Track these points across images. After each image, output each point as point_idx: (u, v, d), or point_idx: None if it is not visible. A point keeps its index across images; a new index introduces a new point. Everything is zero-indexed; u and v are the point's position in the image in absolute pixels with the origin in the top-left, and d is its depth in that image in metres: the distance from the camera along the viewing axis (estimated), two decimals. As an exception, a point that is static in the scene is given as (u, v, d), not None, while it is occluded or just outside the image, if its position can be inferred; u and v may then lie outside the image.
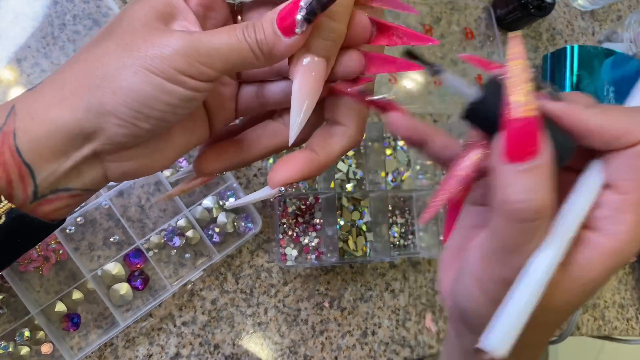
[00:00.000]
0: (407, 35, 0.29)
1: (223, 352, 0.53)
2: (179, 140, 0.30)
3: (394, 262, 0.61)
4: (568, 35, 0.74)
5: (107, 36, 0.26)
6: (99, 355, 0.49)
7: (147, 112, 0.25)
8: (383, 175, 0.59)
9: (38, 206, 0.27)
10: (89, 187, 0.28)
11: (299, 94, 0.27)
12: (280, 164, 0.30)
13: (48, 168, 0.26)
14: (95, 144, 0.26)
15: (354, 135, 0.30)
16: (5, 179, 0.25)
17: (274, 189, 0.30)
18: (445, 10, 0.66)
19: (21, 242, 0.28)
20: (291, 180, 0.30)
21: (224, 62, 0.25)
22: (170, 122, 0.27)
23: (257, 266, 0.55)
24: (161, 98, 0.25)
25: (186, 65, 0.25)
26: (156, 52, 0.25)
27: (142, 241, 0.50)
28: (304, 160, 0.30)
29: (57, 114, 0.25)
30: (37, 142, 0.25)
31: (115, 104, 0.25)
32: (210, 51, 0.25)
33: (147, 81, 0.25)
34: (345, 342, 0.57)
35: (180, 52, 0.25)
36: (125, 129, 0.26)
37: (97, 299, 0.49)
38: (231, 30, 0.26)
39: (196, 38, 0.25)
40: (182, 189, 0.38)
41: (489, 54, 0.66)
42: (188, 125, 0.31)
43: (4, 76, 0.50)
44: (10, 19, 0.50)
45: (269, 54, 0.26)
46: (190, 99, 0.26)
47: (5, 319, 0.47)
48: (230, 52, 0.25)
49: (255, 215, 0.53)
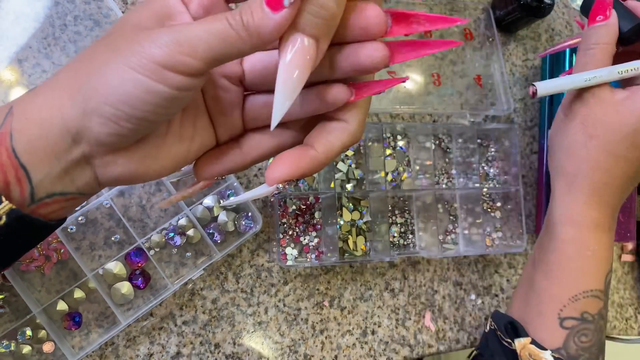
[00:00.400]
0: (428, 20, 0.28)
1: (224, 351, 0.53)
2: (175, 148, 0.30)
3: (393, 262, 0.61)
4: (567, 36, 0.75)
5: (101, 39, 0.27)
6: (99, 355, 0.49)
7: (129, 110, 0.25)
8: (383, 175, 0.59)
9: (36, 209, 0.27)
10: (83, 191, 0.28)
11: (285, 73, 0.25)
12: (278, 161, 0.29)
13: (42, 170, 0.26)
14: (83, 147, 0.26)
15: (354, 131, 0.29)
16: (3, 180, 0.25)
17: (271, 186, 0.29)
18: (445, 11, 0.67)
19: (22, 242, 0.28)
20: (289, 178, 0.29)
21: (207, 49, 0.24)
22: (155, 122, 0.26)
23: (257, 266, 0.56)
24: (142, 97, 0.24)
25: (167, 57, 0.24)
26: (137, 47, 0.24)
27: (143, 240, 0.50)
28: (302, 157, 0.29)
29: (47, 114, 0.25)
30: (31, 143, 0.25)
31: (97, 102, 0.25)
32: (191, 39, 0.24)
33: (128, 78, 0.24)
34: (345, 341, 0.57)
35: (160, 44, 0.24)
36: (108, 128, 0.25)
37: (99, 297, 0.49)
38: (215, 17, 0.25)
39: (177, 29, 0.24)
40: (183, 195, 0.37)
41: (488, 55, 0.66)
42: (186, 133, 0.30)
43: (5, 77, 0.50)
44: (12, 20, 0.51)
45: (256, 34, 0.24)
46: (174, 98, 0.25)
47: (6, 318, 0.47)
48: (212, 37, 0.24)
49: (256, 213, 0.53)
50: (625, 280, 0.71)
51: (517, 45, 0.72)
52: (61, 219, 0.29)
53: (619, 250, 0.72)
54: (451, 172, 0.64)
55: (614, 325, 0.69)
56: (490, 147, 0.66)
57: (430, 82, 0.63)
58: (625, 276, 0.71)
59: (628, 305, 0.71)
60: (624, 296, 0.71)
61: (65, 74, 0.26)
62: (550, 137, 0.52)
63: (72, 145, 0.26)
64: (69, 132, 0.26)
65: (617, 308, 0.70)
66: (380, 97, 0.60)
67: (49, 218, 0.28)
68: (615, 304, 0.70)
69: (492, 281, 0.64)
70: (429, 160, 0.62)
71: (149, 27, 0.26)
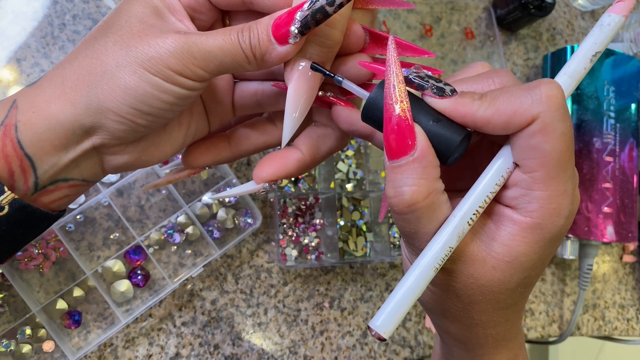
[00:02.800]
0: (400, 45, 0.29)
1: (223, 352, 0.53)
2: (175, 135, 0.31)
3: (394, 262, 0.61)
4: (568, 35, 0.74)
5: (106, 32, 0.27)
6: (99, 356, 0.49)
7: (145, 109, 0.26)
8: (383, 175, 0.59)
9: (38, 197, 0.28)
10: (86, 177, 0.29)
11: (293, 99, 0.27)
12: (266, 161, 0.31)
13: (49, 161, 0.27)
14: (94, 139, 0.27)
15: (341, 138, 0.31)
16: (7, 170, 0.26)
17: (259, 184, 0.31)
18: (446, 10, 0.66)
19: (23, 232, 0.28)
20: (276, 178, 0.31)
21: (218, 64, 0.26)
22: (167, 119, 0.28)
23: (257, 266, 0.55)
24: (158, 96, 0.26)
25: (181, 67, 0.25)
26: (152, 52, 0.25)
27: (142, 238, 0.50)
28: (290, 159, 0.31)
29: (57, 108, 0.26)
30: (39, 135, 0.26)
31: (113, 102, 0.26)
32: (204, 54, 0.26)
33: (145, 80, 0.25)
34: (345, 342, 0.57)
35: (175, 55, 0.25)
36: (124, 125, 0.26)
37: (98, 296, 0.49)
38: (226, 33, 0.26)
39: (191, 40, 0.25)
40: (169, 180, 0.38)
41: (489, 54, 0.66)
42: (184, 119, 0.31)
43: (4, 76, 0.50)
44: (10, 19, 0.51)
45: (261, 59, 0.26)
46: (186, 97, 0.27)
47: (6, 317, 0.47)
48: (223, 55, 0.26)
49: (255, 210, 0.53)
50: (626, 281, 0.71)
51: (518, 44, 0.71)
52: (61, 211, 0.30)
53: (620, 250, 0.72)
54: (452, 172, 0.64)
55: (615, 327, 0.69)
56: (491, 147, 0.66)
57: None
58: (626, 277, 0.71)
59: (629, 306, 0.70)
60: (625, 297, 0.70)
61: (72, 69, 0.27)
62: (421, 302, 0.36)
63: (83, 137, 0.27)
64: (82, 127, 0.26)
65: (618, 309, 0.70)
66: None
67: (50, 208, 0.29)
68: (616, 305, 0.70)
69: (493, 282, 0.64)
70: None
71: (154, 24, 0.26)
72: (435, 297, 0.34)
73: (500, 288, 0.31)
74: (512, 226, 0.29)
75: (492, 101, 0.25)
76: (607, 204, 0.63)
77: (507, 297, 0.31)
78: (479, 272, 0.30)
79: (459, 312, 0.33)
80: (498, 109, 0.24)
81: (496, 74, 0.28)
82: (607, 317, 0.69)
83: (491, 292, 0.31)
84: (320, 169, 0.57)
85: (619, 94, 0.66)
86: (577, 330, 0.67)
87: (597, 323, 0.68)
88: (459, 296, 0.32)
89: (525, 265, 0.30)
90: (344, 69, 0.29)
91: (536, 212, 0.29)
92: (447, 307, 0.34)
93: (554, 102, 0.24)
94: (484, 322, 0.33)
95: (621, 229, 0.63)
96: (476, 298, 0.32)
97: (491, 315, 0.33)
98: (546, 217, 0.29)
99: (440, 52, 0.64)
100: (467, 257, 0.30)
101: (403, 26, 0.64)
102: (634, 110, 0.66)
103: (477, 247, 0.30)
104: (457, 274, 0.31)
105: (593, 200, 0.62)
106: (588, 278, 0.63)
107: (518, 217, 0.29)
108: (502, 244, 0.29)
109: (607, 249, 0.71)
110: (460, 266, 0.30)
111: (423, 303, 0.34)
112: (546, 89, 0.24)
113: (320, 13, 0.24)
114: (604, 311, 0.69)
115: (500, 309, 0.33)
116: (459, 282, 0.31)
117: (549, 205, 0.28)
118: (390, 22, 0.63)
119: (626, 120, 0.66)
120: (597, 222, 0.62)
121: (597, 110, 0.64)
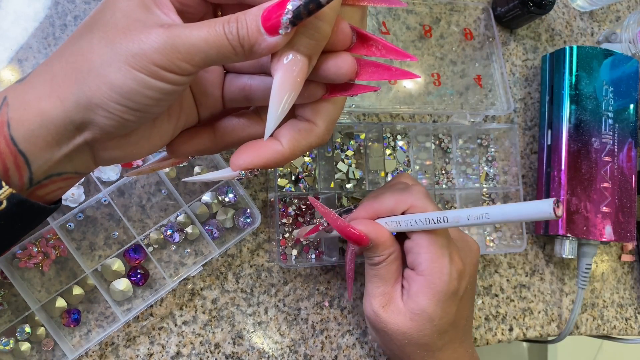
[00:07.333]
0: (386, 48, 0.30)
1: (224, 351, 0.53)
2: (165, 127, 0.31)
3: (393, 262, 0.61)
4: (567, 35, 0.75)
5: (92, 27, 0.27)
6: (99, 355, 0.49)
7: (132, 105, 0.26)
8: (383, 175, 0.59)
9: (33, 191, 0.28)
10: (79, 170, 0.29)
11: (279, 91, 0.27)
12: (244, 148, 0.31)
13: (42, 156, 0.27)
14: (86, 134, 0.27)
15: (321, 134, 0.31)
16: (2, 167, 0.26)
17: (234, 171, 0.31)
18: (445, 10, 0.67)
19: (21, 226, 0.29)
20: (252, 166, 0.30)
21: (203, 57, 0.26)
22: (155, 113, 0.28)
23: (257, 266, 0.56)
24: (144, 93, 0.26)
25: (165, 62, 0.25)
26: (136, 48, 0.25)
27: (142, 237, 0.50)
28: (268, 150, 0.30)
29: (48, 105, 0.26)
30: (31, 132, 0.26)
31: (101, 99, 0.26)
32: (189, 47, 0.25)
33: (130, 77, 0.25)
34: (345, 341, 0.57)
35: (159, 50, 0.25)
36: (113, 121, 0.27)
37: (98, 294, 0.49)
38: (211, 25, 0.25)
39: (175, 34, 0.25)
40: (152, 167, 0.39)
41: (488, 55, 0.66)
42: (174, 112, 0.31)
43: (5, 76, 0.50)
44: (12, 20, 0.51)
45: (249, 50, 0.26)
46: (172, 92, 0.27)
47: (5, 315, 0.47)
48: (208, 47, 0.25)
49: (255, 210, 0.53)
50: (625, 281, 0.71)
51: (517, 45, 0.72)
52: (57, 202, 0.31)
53: (618, 250, 0.72)
54: (451, 172, 0.64)
55: (614, 326, 0.69)
56: (490, 147, 0.66)
57: (430, 82, 0.63)
58: (625, 276, 0.71)
59: (628, 305, 0.71)
60: (623, 296, 0.70)
61: (60, 66, 0.27)
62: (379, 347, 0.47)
63: (75, 133, 0.27)
64: (73, 123, 0.26)
65: (617, 308, 0.70)
66: (380, 97, 0.60)
67: (46, 200, 0.29)
68: (615, 304, 0.70)
69: (492, 281, 0.64)
70: (428, 160, 0.62)
71: (138, 18, 0.26)
72: (382, 341, 0.46)
73: (419, 335, 0.41)
74: (414, 284, 0.40)
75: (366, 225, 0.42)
76: (605, 204, 0.63)
77: (428, 341, 0.41)
78: (402, 322, 0.41)
79: (398, 354, 0.44)
80: (368, 232, 0.41)
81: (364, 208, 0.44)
82: (606, 316, 0.69)
83: (413, 338, 0.41)
84: (320, 169, 0.57)
85: (617, 94, 0.66)
86: (576, 329, 0.67)
87: (596, 322, 0.68)
88: (393, 340, 0.43)
89: (433, 316, 0.40)
90: (326, 66, 0.29)
91: (426, 271, 0.39)
92: (388, 349, 0.45)
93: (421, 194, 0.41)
94: None
95: (619, 229, 0.63)
96: (404, 342, 0.42)
97: (423, 356, 0.42)
98: (434, 274, 0.39)
99: (440, 52, 0.64)
100: (394, 309, 0.41)
101: (402, 27, 0.64)
102: (633, 110, 0.67)
103: (401, 302, 0.41)
104: (390, 322, 0.41)
105: (591, 200, 0.62)
106: (587, 277, 0.63)
107: (416, 276, 0.40)
108: (412, 299, 0.40)
109: (606, 248, 0.71)
110: (391, 315, 0.41)
111: (380, 348, 0.46)
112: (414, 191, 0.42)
113: (313, 3, 0.24)
114: (602, 310, 0.69)
115: (429, 351, 0.42)
116: (390, 329, 0.42)
117: (432, 264, 0.39)
118: (390, 23, 0.63)
119: (624, 121, 0.66)
120: (596, 221, 0.62)
121: (596, 111, 0.64)
